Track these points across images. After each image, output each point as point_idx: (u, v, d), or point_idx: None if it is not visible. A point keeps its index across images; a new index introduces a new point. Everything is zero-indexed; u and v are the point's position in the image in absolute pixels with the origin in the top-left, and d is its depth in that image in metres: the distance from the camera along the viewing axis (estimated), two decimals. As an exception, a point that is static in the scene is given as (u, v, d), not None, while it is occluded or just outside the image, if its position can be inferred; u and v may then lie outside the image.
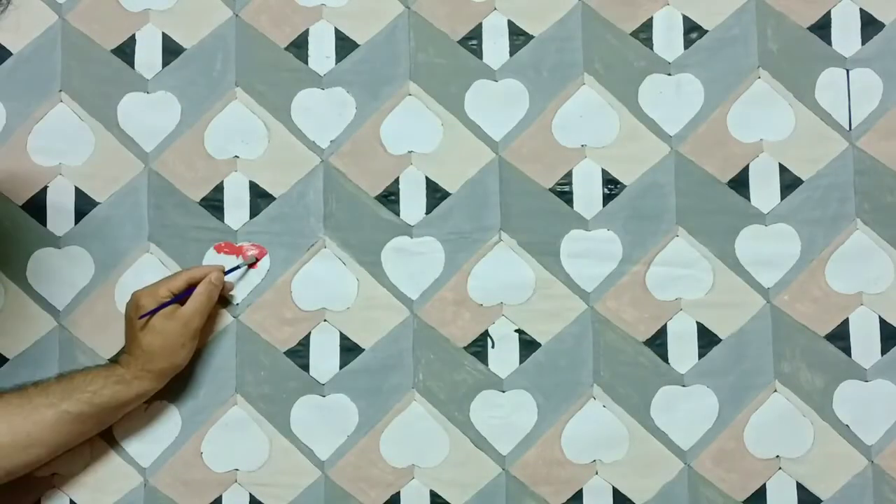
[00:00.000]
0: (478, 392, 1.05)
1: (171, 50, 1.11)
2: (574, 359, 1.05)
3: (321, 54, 1.11)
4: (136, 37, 1.11)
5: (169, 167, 1.09)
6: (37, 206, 1.08)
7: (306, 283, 1.07)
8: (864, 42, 1.09)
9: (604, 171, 1.08)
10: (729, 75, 1.08)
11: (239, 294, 1.06)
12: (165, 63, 1.11)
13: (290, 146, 1.09)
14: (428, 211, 1.08)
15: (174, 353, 0.99)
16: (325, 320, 1.06)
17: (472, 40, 1.10)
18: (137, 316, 0.98)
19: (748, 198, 1.07)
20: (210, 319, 1.04)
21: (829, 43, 1.09)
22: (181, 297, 1.00)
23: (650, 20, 1.10)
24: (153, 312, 0.98)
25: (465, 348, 1.06)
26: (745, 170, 1.07)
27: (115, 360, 1.01)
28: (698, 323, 1.05)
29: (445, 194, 1.08)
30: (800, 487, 1.03)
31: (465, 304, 1.06)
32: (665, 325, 1.05)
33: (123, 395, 0.98)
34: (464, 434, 1.04)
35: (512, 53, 1.10)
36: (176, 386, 1.05)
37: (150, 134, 1.09)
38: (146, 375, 0.99)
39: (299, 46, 1.11)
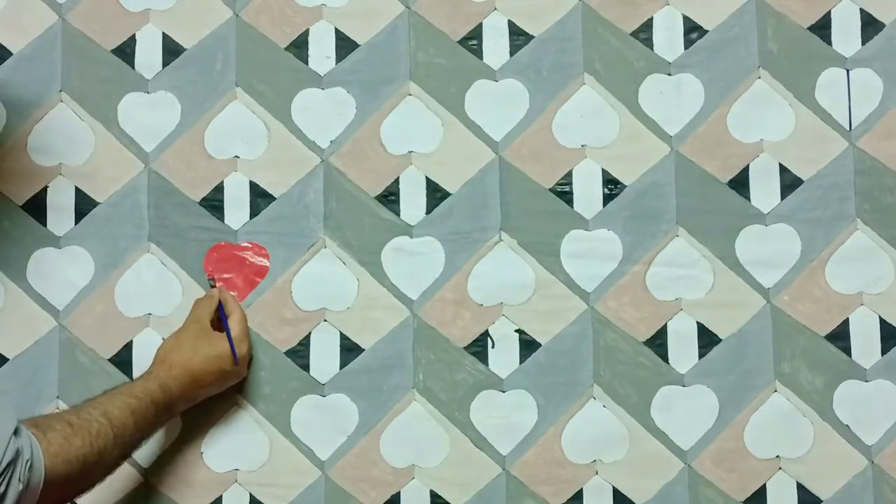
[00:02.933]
0: (478, 392, 1.05)
1: (171, 50, 1.11)
2: (574, 359, 1.05)
3: (321, 54, 1.11)
4: (136, 37, 1.11)
5: (169, 167, 1.09)
6: (37, 206, 1.08)
7: (306, 283, 1.07)
8: (864, 42, 1.09)
9: (604, 171, 1.08)
10: (729, 75, 1.08)
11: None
12: (165, 63, 1.11)
13: (290, 146, 1.09)
14: (428, 211, 1.08)
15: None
16: (325, 320, 1.06)
17: (472, 40, 1.10)
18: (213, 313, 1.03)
19: (748, 198, 1.07)
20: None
21: (829, 43, 1.09)
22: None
23: (650, 20, 1.10)
24: (223, 317, 1.03)
25: (465, 348, 1.06)
26: (745, 170, 1.07)
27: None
28: (698, 323, 1.05)
29: (445, 194, 1.08)
30: (800, 487, 1.03)
31: (465, 304, 1.06)
32: (665, 325, 1.05)
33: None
34: (464, 434, 1.04)
35: (512, 53, 1.10)
36: (176, 386, 1.05)
37: (150, 134, 1.09)
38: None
39: (299, 46, 1.11)
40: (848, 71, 1.08)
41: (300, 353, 1.06)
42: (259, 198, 1.08)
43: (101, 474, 0.91)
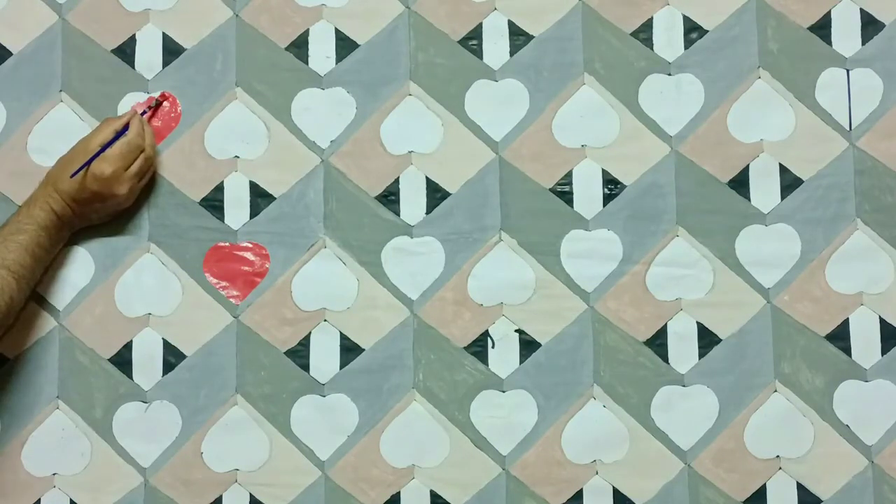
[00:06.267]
0: (478, 392, 1.05)
1: (171, 50, 1.11)
2: (574, 359, 1.05)
3: (321, 54, 1.11)
4: (137, 37, 1.11)
5: (169, 167, 1.09)
6: (37, 206, 1.08)
7: (306, 283, 1.07)
8: (864, 42, 1.09)
9: (604, 171, 1.08)
10: (729, 75, 1.08)
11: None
12: (166, 63, 1.11)
13: (290, 146, 1.09)
14: (428, 211, 1.08)
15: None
16: (325, 320, 1.06)
17: (472, 40, 1.10)
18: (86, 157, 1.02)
19: (748, 198, 1.07)
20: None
21: (829, 43, 1.09)
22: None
23: (650, 20, 1.10)
24: (89, 161, 1.01)
25: (465, 348, 1.06)
26: (745, 170, 1.07)
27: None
28: (698, 323, 1.05)
29: (445, 194, 1.08)
30: (800, 487, 1.03)
31: (465, 304, 1.06)
32: (665, 325, 1.05)
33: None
34: (464, 434, 1.04)
35: (512, 53, 1.10)
36: (176, 386, 1.05)
37: (150, 134, 1.09)
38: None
39: (299, 46, 1.11)
40: (848, 71, 1.08)
41: (300, 353, 1.06)
42: (259, 198, 1.08)
43: (15, 317, 1.00)
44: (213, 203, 1.08)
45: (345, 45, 1.11)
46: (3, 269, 0.95)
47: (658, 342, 1.05)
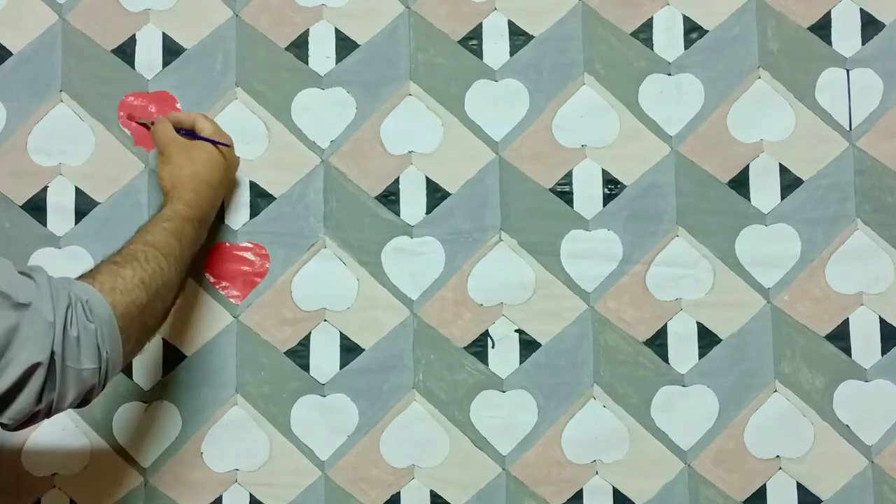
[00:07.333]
0: (478, 392, 1.05)
1: (171, 50, 1.11)
2: (574, 359, 1.05)
3: (321, 54, 1.11)
4: (137, 37, 1.11)
5: (169, 167, 1.09)
6: (37, 206, 1.08)
7: (306, 283, 1.07)
8: (864, 42, 1.09)
9: (604, 171, 1.08)
10: (729, 75, 1.08)
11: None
12: (166, 63, 1.11)
13: (290, 146, 1.09)
14: (428, 211, 1.08)
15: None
16: (325, 320, 1.06)
17: (472, 40, 1.10)
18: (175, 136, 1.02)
19: (748, 198, 1.07)
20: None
21: (829, 43, 1.09)
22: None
23: (650, 20, 1.10)
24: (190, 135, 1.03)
25: (465, 348, 1.06)
26: (745, 170, 1.07)
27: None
28: (698, 323, 1.05)
29: (445, 194, 1.08)
30: (800, 487, 1.03)
31: (465, 304, 1.06)
32: (665, 325, 1.05)
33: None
34: (464, 434, 1.04)
35: (512, 53, 1.10)
36: (176, 386, 1.05)
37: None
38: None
39: (299, 46, 1.11)
40: (848, 71, 1.08)
41: (300, 353, 1.06)
42: (259, 198, 1.08)
43: (169, 293, 0.92)
44: (213, 203, 1.08)
45: (345, 45, 1.11)
46: (151, 248, 0.90)
47: (658, 342, 1.05)
